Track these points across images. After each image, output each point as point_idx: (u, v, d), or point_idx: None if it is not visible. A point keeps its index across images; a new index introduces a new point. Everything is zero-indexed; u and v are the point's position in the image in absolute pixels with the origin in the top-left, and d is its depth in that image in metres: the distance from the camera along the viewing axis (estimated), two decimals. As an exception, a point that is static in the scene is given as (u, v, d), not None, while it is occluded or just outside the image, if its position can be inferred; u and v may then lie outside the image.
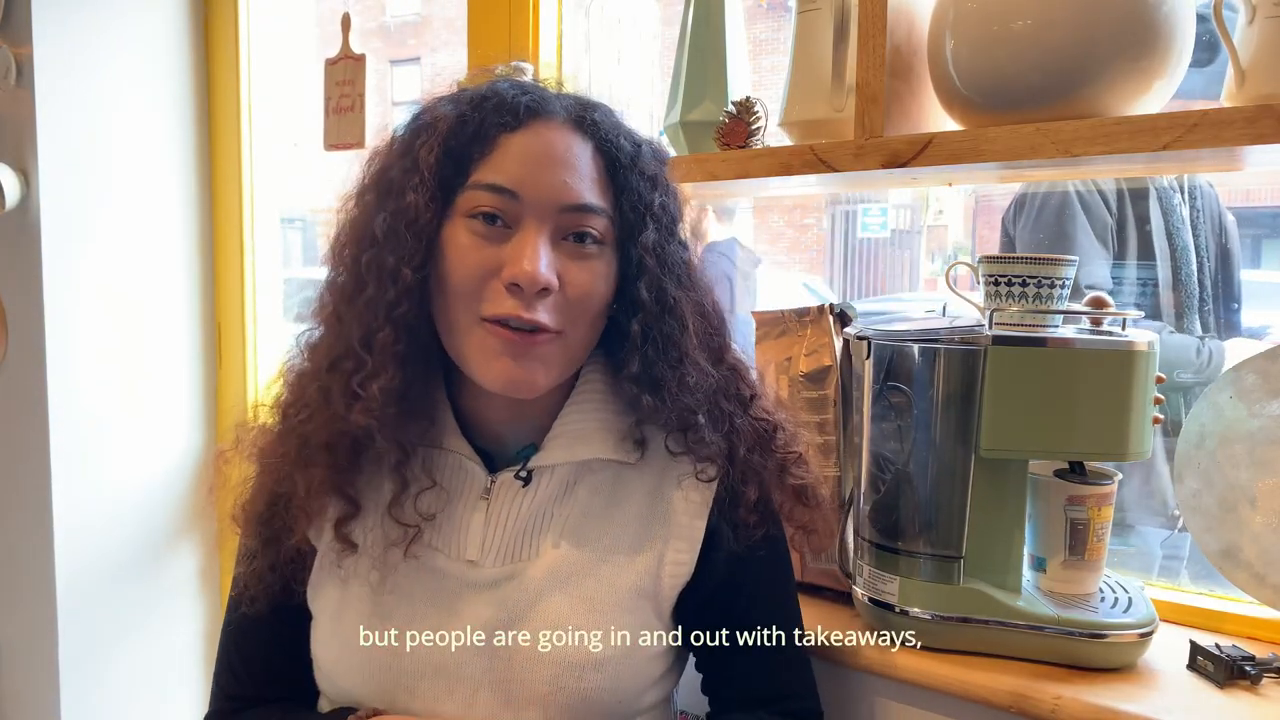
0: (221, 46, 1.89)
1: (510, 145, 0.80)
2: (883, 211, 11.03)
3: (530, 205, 0.78)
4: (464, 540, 0.85)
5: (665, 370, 0.83)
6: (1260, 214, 7.14)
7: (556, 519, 0.85)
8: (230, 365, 1.96)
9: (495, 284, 0.78)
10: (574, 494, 0.86)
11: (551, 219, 0.79)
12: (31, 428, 1.77)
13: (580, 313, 0.80)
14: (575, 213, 0.79)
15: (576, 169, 0.80)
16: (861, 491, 1.03)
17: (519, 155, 0.79)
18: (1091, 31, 0.88)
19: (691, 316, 0.85)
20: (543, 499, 0.86)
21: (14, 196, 1.69)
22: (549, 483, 0.86)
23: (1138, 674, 0.93)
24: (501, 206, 0.78)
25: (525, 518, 0.85)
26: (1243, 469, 0.99)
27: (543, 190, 0.78)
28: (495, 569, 0.84)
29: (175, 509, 1.94)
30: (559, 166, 0.79)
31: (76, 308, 1.77)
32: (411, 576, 0.85)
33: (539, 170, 0.79)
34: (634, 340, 0.83)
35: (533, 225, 0.78)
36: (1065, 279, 0.97)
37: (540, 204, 0.78)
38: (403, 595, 0.85)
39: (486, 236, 0.79)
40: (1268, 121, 0.79)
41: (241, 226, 1.90)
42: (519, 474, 0.86)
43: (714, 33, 1.20)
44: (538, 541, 0.85)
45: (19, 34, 1.69)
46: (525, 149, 0.79)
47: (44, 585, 1.79)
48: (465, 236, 0.79)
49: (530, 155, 0.79)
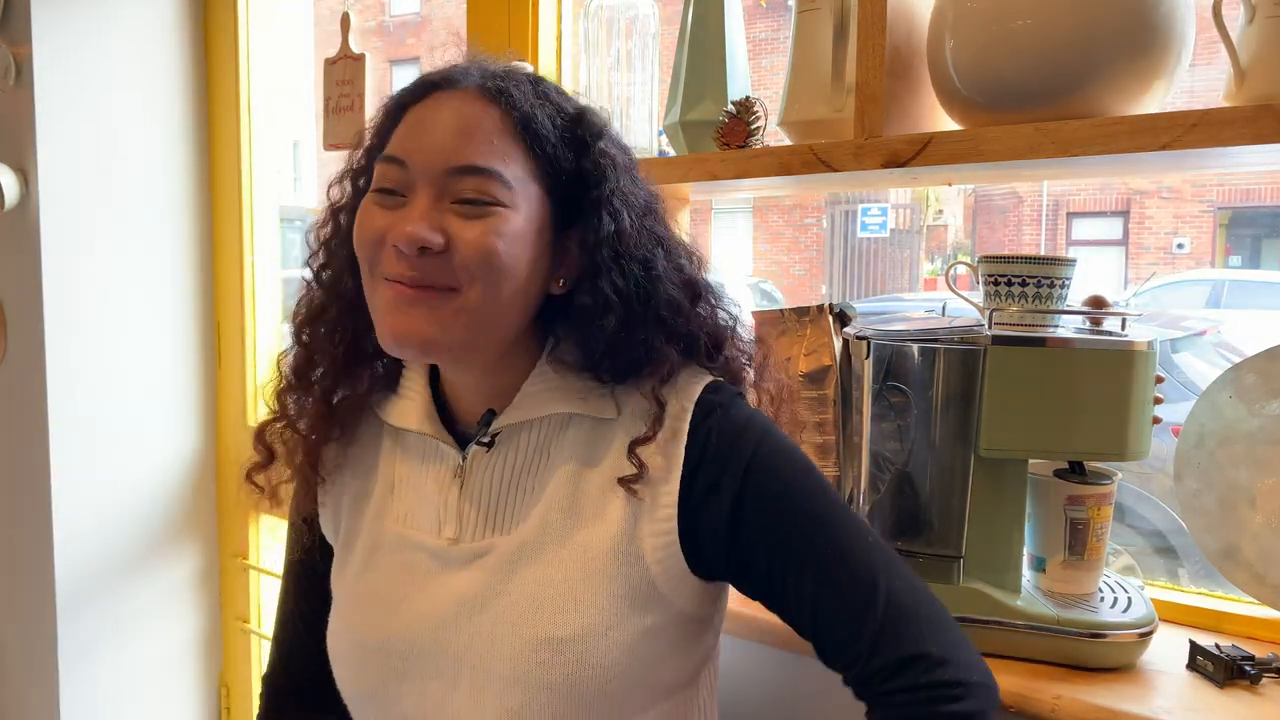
0: (221, 46, 1.89)
1: (409, 117, 0.82)
2: (882, 211, 11.05)
3: (418, 172, 0.79)
4: (443, 519, 0.86)
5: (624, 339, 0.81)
6: (1260, 214, 7.12)
7: (532, 488, 0.84)
8: (230, 365, 1.96)
9: (389, 250, 0.79)
10: (548, 460, 0.85)
11: (438, 183, 0.79)
12: (31, 428, 1.77)
13: (479, 271, 0.78)
14: (463, 175, 0.78)
15: (468, 134, 0.79)
16: (861, 491, 1.03)
17: (412, 126, 0.81)
18: (1091, 31, 0.88)
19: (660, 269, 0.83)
20: (516, 468, 0.85)
21: (13, 196, 1.69)
22: (520, 450, 0.85)
23: (1137, 674, 0.93)
24: (394, 177, 0.80)
25: (500, 489, 0.85)
26: (1243, 469, 0.99)
27: (428, 155, 0.79)
28: (473, 544, 0.84)
29: (175, 509, 1.95)
30: (446, 132, 0.79)
31: (76, 308, 1.77)
32: (396, 560, 0.87)
33: (425, 136, 0.79)
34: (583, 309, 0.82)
35: (421, 191, 0.79)
36: (1065, 279, 0.97)
37: (426, 169, 0.79)
38: (387, 580, 0.87)
39: (383, 205, 0.80)
40: (1268, 121, 0.79)
41: (241, 226, 1.90)
42: (480, 439, 0.86)
43: (714, 33, 1.20)
44: (514, 512, 0.84)
45: (18, 34, 1.69)
46: (419, 119, 0.81)
47: (44, 585, 1.79)
48: (365, 209, 0.82)
49: (421, 124, 0.80)
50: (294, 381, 0.91)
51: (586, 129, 0.83)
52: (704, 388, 0.84)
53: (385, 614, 0.86)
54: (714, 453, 0.81)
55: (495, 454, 0.86)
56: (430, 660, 0.83)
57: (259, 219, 1.91)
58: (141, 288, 1.85)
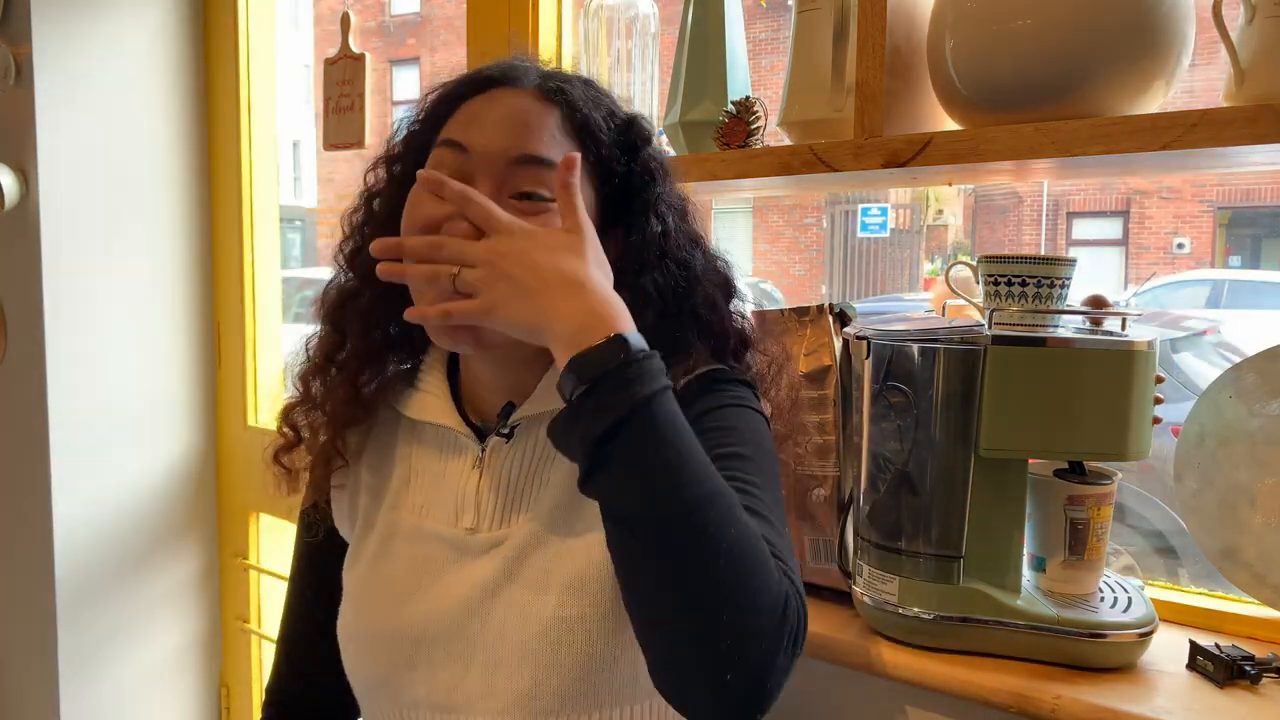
0: (221, 45, 1.89)
1: (468, 108, 0.83)
2: (882, 211, 11.05)
3: (479, 159, 0.79)
4: (461, 509, 0.87)
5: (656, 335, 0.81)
6: (1260, 214, 7.13)
7: (548, 478, 0.85)
8: (229, 365, 1.96)
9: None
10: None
11: (500, 172, 0.79)
12: (31, 428, 1.77)
13: None
14: (525, 165, 0.79)
15: (529, 125, 0.80)
16: (861, 491, 1.03)
17: (473, 114, 0.82)
18: (1091, 31, 0.88)
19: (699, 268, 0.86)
20: (533, 458, 0.86)
21: (13, 196, 1.69)
22: (538, 441, 0.86)
23: (1137, 674, 0.93)
24: (452, 162, 0.80)
25: (517, 479, 0.86)
26: (1243, 469, 0.99)
27: (490, 141, 0.79)
28: (490, 533, 0.85)
29: (175, 509, 1.95)
30: (509, 123, 0.80)
31: (76, 308, 1.77)
32: (412, 550, 0.88)
33: (489, 126, 0.80)
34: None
35: (481, 181, 0.79)
36: (1065, 279, 0.97)
37: (488, 156, 0.79)
38: (403, 569, 0.87)
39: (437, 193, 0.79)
40: (1268, 121, 0.79)
41: (241, 226, 1.90)
42: (499, 430, 0.87)
43: (714, 32, 1.20)
44: (529, 501, 0.85)
45: (18, 33, 1.69)
46: (479, 109, 0.82)
47: (43, 585, 1.79)
48: (417, 196, 0.81)
49: (483, 114, 0.81)
50: (322, 363, 0.92)
51: (638, 134, 0.86)
52: (711, 368, 0.86)
53: (399, 602, 0.86)
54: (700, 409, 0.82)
55: (513, 445, 0.87)
56: (440, 648, 0.83)
57: (259, 219, 1.91)
58: (141, 287, 1.85)
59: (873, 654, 0.99)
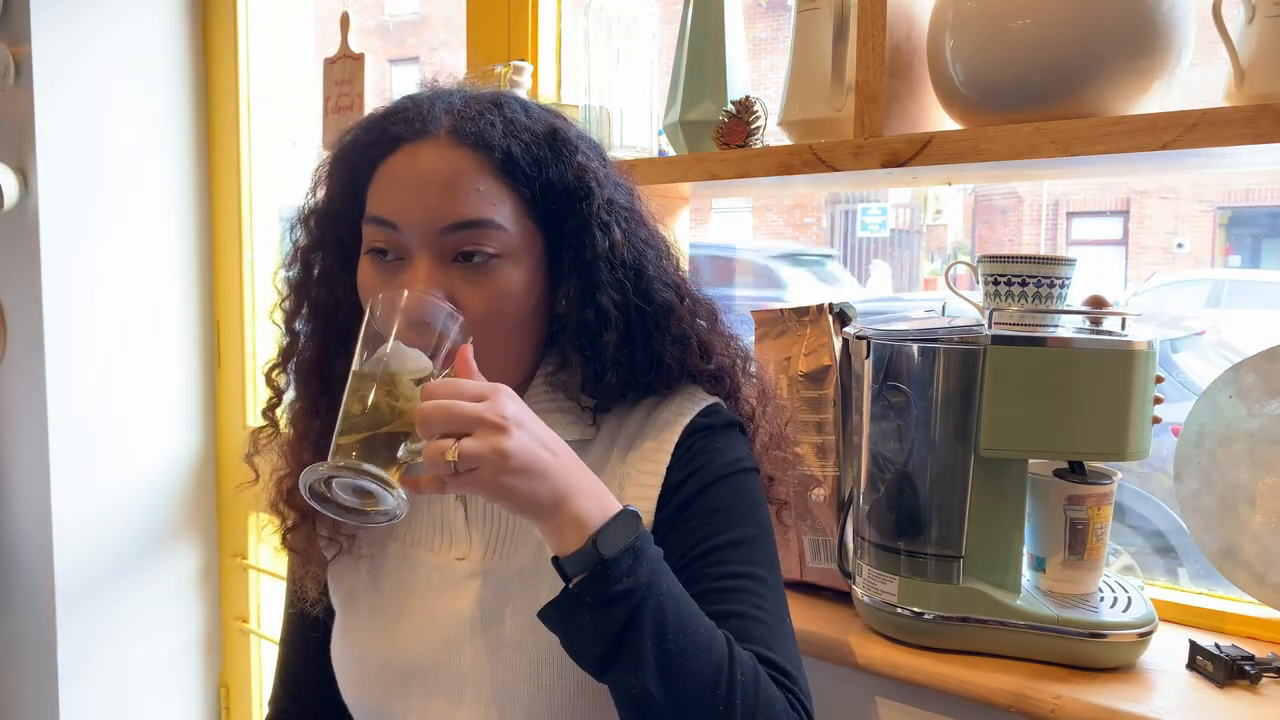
0: (220, 45, 1.89)
1: (384, 174, 0.79)
2: (882, 211, 11.03)
3: (411, 233, 0.77)
4: (450, 538, 0.86)
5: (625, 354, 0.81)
6: (1260, 214, 7.13)
7: None
8: (229, 364, 1.96)
9: None
10: None
11: (435, 243, 0.77)
12: (31, 427, 1.77)
13: (488, 329, 0.77)
14: (458, 231, 0.76)
15: (453, 188, 0.76)
16: (861, 491, 1.03)
17: (391, 183, 0.78)
18: (1091, 31, 0.88)
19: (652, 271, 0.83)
20: None
21: (13, 196, 1.69)
22: None
23: (1137, 674, 0.93)
24: (386, 239, 0.78)
25: (502, 511, 0.84)
26: (1243, 469, 0.99)
27: (418, 215, 0.76)
28: (479, 564, 0.85)
29: (175, 509, 1.95)
30: (433, 188, 0.76)
31: (76, 307, 1.77)
32: (400, 578, 0.87)
33: (411, 196, 0.77)
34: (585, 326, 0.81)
35: (419, 255, 0.77)
36: (1065, 279, 0.97)
37: (420, 230, 0.77)
38: (390, 597, 0.87)
39: (382, 270, 0.79)
40: (1268, 121, 0.79)
41: (240, 225, 1.90)
42: None
43: (713, 32, 1.20)
44: (515, 534, 0.84)
45: (18, 33, 1.69)
46: (396, 176, 0.78)
47: (43, 585, 1.79)
48: (365, 273, 0.81)
49: (401, 182, 0.78)
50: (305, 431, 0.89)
51: (562, 144, 0.81)
52: (700, 410, 0.84)
53: (387, 630, 0.86)
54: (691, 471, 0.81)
55: None
56: (432, 678, 0.83)
57: (259, 219, 1.91)
58: (141, 287, 1.85)
59: (872, 654, 0.99)
